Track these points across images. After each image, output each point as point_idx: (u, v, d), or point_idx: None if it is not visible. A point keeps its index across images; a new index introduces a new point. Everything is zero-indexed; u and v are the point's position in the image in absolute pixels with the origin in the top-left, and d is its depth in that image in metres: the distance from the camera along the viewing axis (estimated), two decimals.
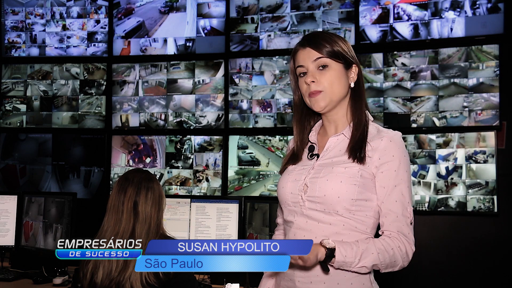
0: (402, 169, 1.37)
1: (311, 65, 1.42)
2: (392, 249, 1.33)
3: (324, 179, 1.37)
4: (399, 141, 1.40)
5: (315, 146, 1.49)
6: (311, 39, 1.44)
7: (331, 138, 1.45)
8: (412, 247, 1.36)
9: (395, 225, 1.36)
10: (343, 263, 1.28)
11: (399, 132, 1.42)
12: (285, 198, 1.46)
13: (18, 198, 3.08)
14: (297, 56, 1.45)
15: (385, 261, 1.32)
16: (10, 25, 4.08)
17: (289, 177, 1.47)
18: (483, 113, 3.12)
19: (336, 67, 1.41)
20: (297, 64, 1.45)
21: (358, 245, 1.30)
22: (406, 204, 1.37)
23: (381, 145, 1.37)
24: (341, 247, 1.28)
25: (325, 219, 1.37)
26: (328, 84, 1.40)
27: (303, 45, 1.44)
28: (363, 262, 1.29)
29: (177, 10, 3.80)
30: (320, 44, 1.41)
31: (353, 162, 1.37)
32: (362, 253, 1.29)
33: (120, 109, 3.86)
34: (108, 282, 1.69)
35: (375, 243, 1.33)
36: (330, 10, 3.47)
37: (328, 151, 1.44)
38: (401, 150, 1.38)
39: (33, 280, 2.74)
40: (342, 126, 1.46)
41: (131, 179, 1.80)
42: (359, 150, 1.37)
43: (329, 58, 1.41)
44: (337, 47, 1.42)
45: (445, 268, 3.12)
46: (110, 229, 1.75)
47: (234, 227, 2.59)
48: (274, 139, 3.55)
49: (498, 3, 3.11)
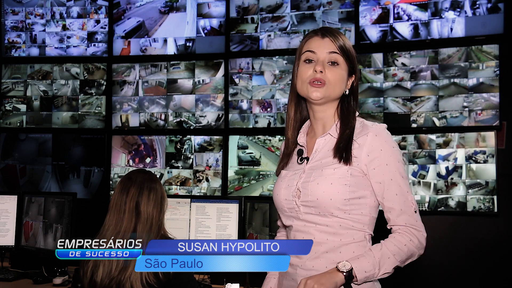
0: (393, 160, 1.36)
1: (324, 55, 1.41)
2: (405, 245, 1.34)
3: (314, 183, 1.37)
4: (385, 133, 1.39)
5: (303, 150, 1.49)
6: (332, 32, 1.44)
7: (318, 139, 1.45)
8: (423, 233, 1.37)
9: (401, 218, 1.36)
10: (366, 278, 1.30)
11: (384, 124, 1.42)
12: (281, 205, 1.46)
13: (18, 198, 3.08)
14: (312, 41, 1.44)
15: (402, 259, 1.34)
16: (10, 25, 4.08)
17: (282, 183, 1.47)
18: (483, 113, 3.12)
19: (344, 68, 1.42)
20: (307, 48, 1.43)
21: (373, 255, 1.31)
22: (406, 194, 1.36)
23: (367, 141, 1.37)
24: (358, 264, 1.28)
25: (321, 221, 1.38)
26: (333, 81, 1.40)
27: (323, 34, 1.43)
28: (384, 269, 1.31)
29: (177, 10, 3.80)
30: (340, 41, 1.42)
31: (341, 163, 1.37)
32: (380, 261, 1.30)
33: (120, 109, 3.86)
34: (108, 281, 1.69)
35: (388, 247, 1.33)
36: (330, 10, 3.47)
37: (317, 153, 1.44)
38: (388, 142, 1.38)
39: (33, 280, 2.74)
40: (329, 126, 1.46)
41: (134, 179, 1.80)
42: (345, 150, 1.37)
43: (343, 58, 1.41)
44: (351, 53, 1.43)
45: (445, 268, 3.12)
46: (112, 228, 1.75)
47: (234, 227, 2.59)
48: (274, 139, 3.55)
49: (498, 3, 3.11)
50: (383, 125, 1.41)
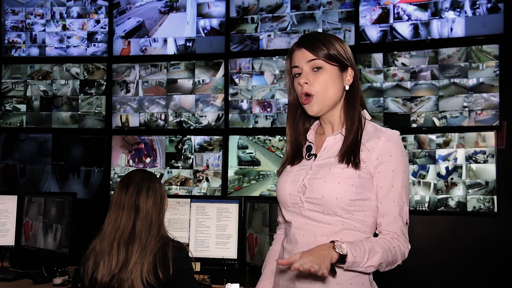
0: (399, 169, 1.37)
1: (305, 66, 1.41)
2: (394, 248, 1.34)
3: (321, 181, 1.37)
4: (397, 140, 1.39)
5: (312, 146, 1.49)
6: (307, 40, 1.43)
7: (328, 138, 1.45)
8: (408, 245, 1.39)
9: (393, 226, 1.37)
10: (353, 263, 1.28)
11: (397, 131, 1.42)
12: (284, 199, 1.46)
13: (18, 198, 3.08)
14: (293, 56, 1.45)
15: (387, 259, 1.33)
16: (10, 25, 4.08)
17: (287, 178, 1.47)
18: (483, 113, 3.12)
19: (330, 70, 1.40)
20: (292, 64, 1.45)
21: (364, 245, 1.30)
22: (402, 204, 1.37)
23: (378, 144, 1.37)
24: (352, 248, 1.27)
25: (324, 219, 1.37)
26: (321, 88, 1.39)
27: (299, 45, 1.44)
28: (371, 261, 1.29)
29: (177, 10, 3.80)
30: (315, 46, 1.40)
31: (349, 167, 1.36)
32: (369, 252, 1.29)
33: (120, 109, 3.86)
34: (109, 279, 1.69)
35: (378, 242, 1.33)
36: (330, 10, 3.47)
37: (325, 151, 1.44)
38: (399, 150, 1.38)
39: (33, 280, 2.74)
40: (338, 127, 1.45)
41: (134, 177, 1.81)
42: (352, 154, 1.37)
43: (323, 61, 1.40)
44: (333, 50, 1.40)
45: (445, 268, 3.12)
46: (111, 225, 1.76)
47: (234, 227, 2.59)
48: (274, 139, 3.55)
49: (498, 3, 3.11)
50: (397, 132, 1.42)
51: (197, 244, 2.62)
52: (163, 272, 1.68)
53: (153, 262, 1.69)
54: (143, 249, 1.70)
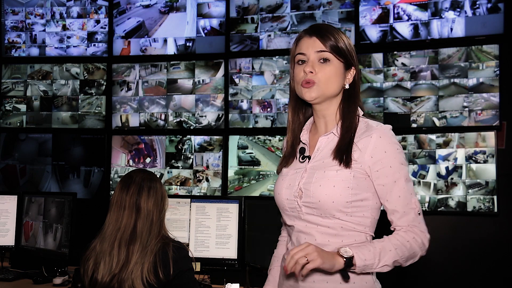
0: (397, 162, 1.35)
1: (313, 55, 1.40)
2: (408, 241, 1.33)
3: (317, 185, 1.37)
4: (390, 135, 1.37)
5: (305, 148, 1.48)
6: (319, 29, 1.42)
7: (321, 138, 1.44)
8: (426, 235, 1.37)
9: (404, 220, 1.36)
10: (365, 267, 1.28)
11: (389, 125, 1.40)
12: (282, 204, 1.46)
13: (18, 198, 3.08)
14: (301, 42, 1.43)
15: (404, 255, 1.32)
16: (10, 25, 4.08)
17: (283, 182, 1.46)
18: (483, 113, 3.12)
19: (336, 64, 1.40)
20: (298, 50, 1.43)
21: (374, 246, 1.30)
22: (409, 196, 1.36)
23: (370, 142, 1.35)
24: (359, 251, 1.27)
25: (323, 222, 1.37)
26: (324, 79, 1.39)
27: (310, 34, 1.42)
28: (384, 261, 1.29)
29: (177, 10, 3.80)
30: (327, 38, 1.39)
31: (341, 165, 1.36)
32: (380, 253, 1.29)
33: (120, 109, 3.86)
34: (109, 279, 1.69)
35: (390, 240, 1.33)
36: (330, 10, 3.47)
37: (319, 152, 1.43)
38: (393, 144, 1.36)
39: (33, 280, 2.74)
40: (331, 124, 1.44)
41: (134, 177, 1.81)
42: (345, 153, 1.36)
43: (332, 54, 1.39)
44: (342, 45, 1.40)
45: (445, 268, 3.12)
46: (112, 225, 1.75)
47: (234, 227, 2.59)
48: (274, 139, 3.55)
49: (498, 3, 3.11)
50: (388, 126, 1.40)
51: (197, 244, 2.62)
52: (163, 272, 1.68)
53: (153, 262, 1.69)
54: (143, 249, 1.70)
